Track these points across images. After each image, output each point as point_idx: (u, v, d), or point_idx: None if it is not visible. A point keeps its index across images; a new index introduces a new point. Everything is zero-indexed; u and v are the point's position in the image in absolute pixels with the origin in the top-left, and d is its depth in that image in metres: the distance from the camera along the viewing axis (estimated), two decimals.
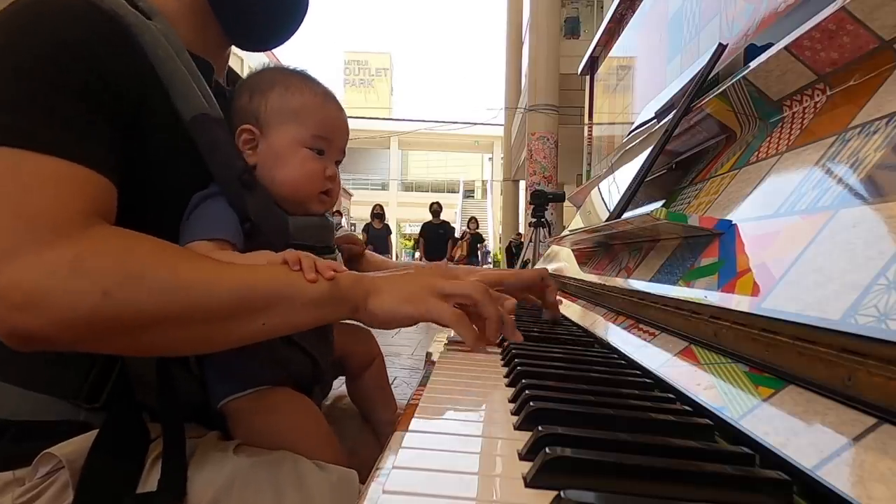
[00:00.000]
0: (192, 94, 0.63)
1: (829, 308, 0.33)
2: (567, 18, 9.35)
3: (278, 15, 0.74)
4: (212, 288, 0.53)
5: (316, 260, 0.60)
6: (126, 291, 0.49)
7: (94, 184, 0.53)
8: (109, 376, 0.58)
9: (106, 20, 0.57)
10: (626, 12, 1.65)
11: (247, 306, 0.55)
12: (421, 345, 4.55)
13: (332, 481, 0.59)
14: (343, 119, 0.74)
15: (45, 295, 0.47)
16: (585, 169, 2.32)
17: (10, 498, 0.54)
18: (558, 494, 0.28)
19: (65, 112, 0.53)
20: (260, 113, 0.69)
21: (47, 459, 0.54)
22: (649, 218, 0.59)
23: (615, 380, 0.52)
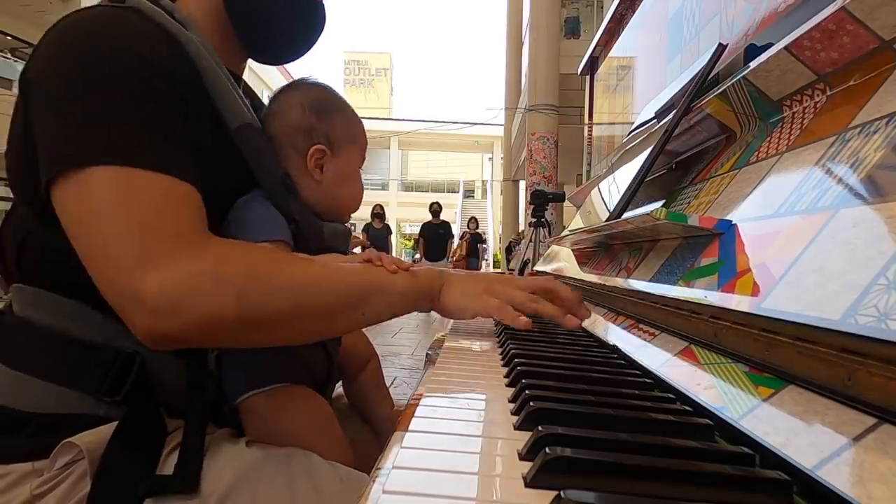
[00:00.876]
0: (237, 104, 0.67)
1: (829, 308, 0.33)
2: (567, 18, 9.35)
3: (296, 33, 0.76)
4: (324, 286, 0.60)
5: (391, 257, 0.67)
6: (256, 294, 0.55)
7: (196, 197, 0.58)
8: (130, 371, 0.60)
9: (164, 34, 0.61)
10: (626, 12, 1.65)
11: (352, 300, 0.61)
12: (421, 345, 4.55)
13: (342, 477, 0.60)
14: None
15: (188, 300, 0.52)
16: (585, 169, 2.31)
17: (29, 489, 0.56)
18: (558, 494, 0.28)
19: (160, 127, 0.56)
20: (330, 133, 0.75)
21: (67, 449, 0.56)
22: (649, 218, 0.59)
23: (615, 380, 0.52)
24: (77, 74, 0.55)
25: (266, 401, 0.66)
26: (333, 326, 0.63)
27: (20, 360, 0.59)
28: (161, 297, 0.51)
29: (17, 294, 0.61)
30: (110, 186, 0.53)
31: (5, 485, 0.56)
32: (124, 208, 0.52)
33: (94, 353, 0.59)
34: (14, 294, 0.62)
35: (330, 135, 0.75)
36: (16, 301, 0.61)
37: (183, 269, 0.52)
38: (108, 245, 0.52)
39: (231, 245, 0.58)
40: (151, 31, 0.60)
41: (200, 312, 0.52)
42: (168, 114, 0.58)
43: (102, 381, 0.59)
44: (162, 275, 0.51)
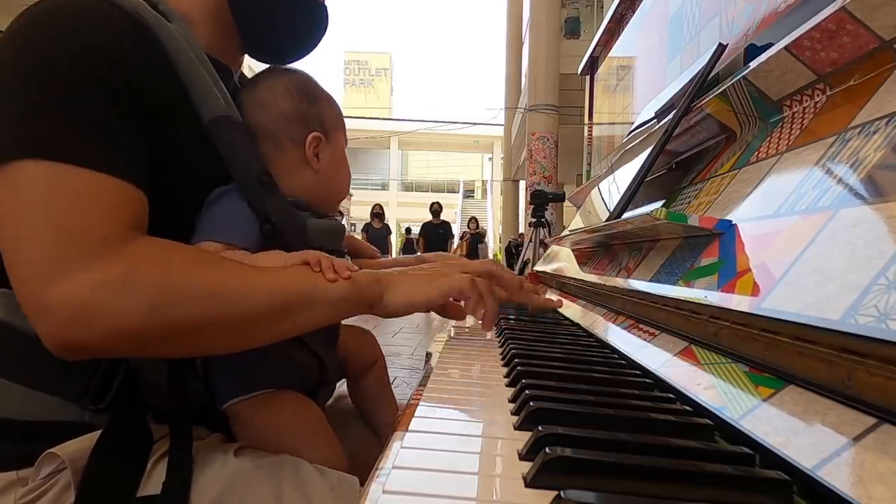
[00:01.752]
0: (212, 97, 0.64)
1: (829, 308, 0.33)
2: (567, 18, 9.35)
3: (300, 33, 0.75)
4: (248, 294, 0.56)
5: (333, 260, 0.61)
6: (171, 304, 0.51)
7: (132, 196, 0.54)
8: (115, 377, 0.59)
9: (130, 23, 0.58)
10: (626, 12, 1.65)
11: (279, 309, 0.57)
12: (421, 345, 4.55)
13: (333, 485, 0.59)
14: None
15: (95, 311, 0.49)
16: (585, 169, 2.32)
17: (13, 498, 0.55)
18: (558, 494, 0.28)
19: (101, 122, 0.53)
20: (324, 119, 0.72)
21: (50, 459, 0.54)
22: (649, 218, 0.59)
23: (615, 380, 0.52)
24: (15, 62, 0.53)
25: (252, 407, 0.64)
26: (259, 336, 0.59)
27: (4, 366, 0.58)
28: (68, 308, 0.48)
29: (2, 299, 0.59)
30: (32, 183, 0.50)
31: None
32: (42, 208, 0.50)
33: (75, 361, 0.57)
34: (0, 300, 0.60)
35: (323, 120, 0.72)
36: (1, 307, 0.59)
37: (92, 277, 0.49)
38: (19, 247, 0.50)
39: (150, 248, 0.54)
40: (113, 20, 0.57)
41: (108, 324, 0.49)
42: (111, 107, 0.54)
43: (87, 389, 0.58)
44: (69, 284, 0.48)
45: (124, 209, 0.53)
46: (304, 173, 0.71)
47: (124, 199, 0.54)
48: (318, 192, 0.72)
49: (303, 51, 0.78)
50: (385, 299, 0.64)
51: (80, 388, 0.58)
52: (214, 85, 0.64)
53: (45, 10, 0.55)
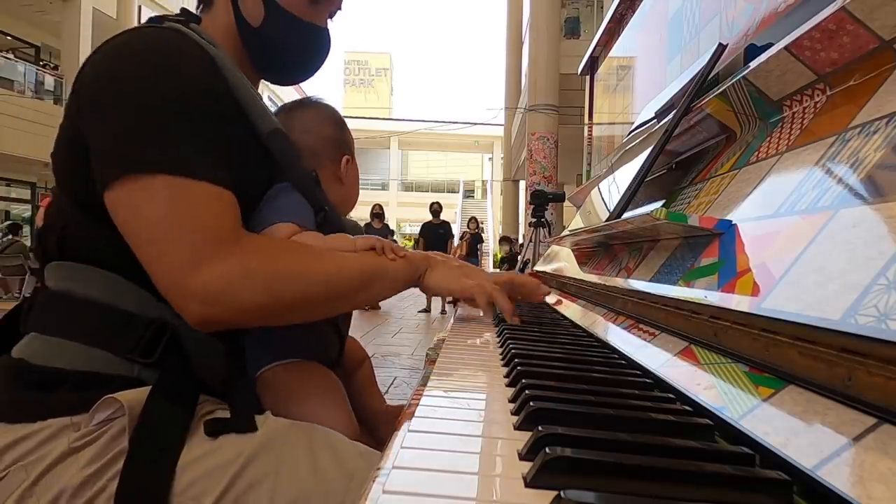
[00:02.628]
0: (265, 112, 0.76)
1: (829, 308, 0.33)
2: (567, 18, 9.34)
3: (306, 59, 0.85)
4: (340, 274, 0.71)
5: (389, 243, 0.78)
6: (283, 286, 0.65)
7: (234, 201, 0.66)
8: (162, 336, 0.66)
9: (202, 52, 0.69)
10: (626, 12, 1.65)
11: (361, 284, 0.73)
12: (421, 345, 4.55)
13: (361, 450, 0.66)
14: None
15: (226, 294, 0.62)
16: (585, 169, 2.32)
17: (66, 441, 0.60)
18: (558, 494, 0.28)
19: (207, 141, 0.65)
20: (351, 145, 0.93)
21: (107, 404, 0.60)
22: (649, 218, 0.59)
23: (615, 380, 0.52)
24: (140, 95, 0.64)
25: (286, 372, 0.76)
26: (345, 306, 0.77)
27: (57, 327, 0.66)
28: (205, 292, 0.61)
29: (55, 270, 0.69)
30: (165, 194, 0.61)
31: (44, 437, 0.60)
32: (177, 215, 0.62)
33: (129, 320, 0.66)
34: (50, 272, 0.69)
35: (350, 144, 0.93)
36: (52, 277, 0.69)
37: (220, 268, 0.62)
38: (161, 246, 0.61)
39: (257, 242, 0.67)
40: (193, 50, 0.68)
41: (235, 305, 0.62)
42: (211, 128, 0.66)
43: (137, 345, 0.65)
44: (205, 273, 0.61)
45: (231, 213, 0.66)
46: (336, 186, 0.89)
47: (230, 204, 0.66)
48: (343, 201, 0.91)
49: (307, 73, 0.88)
50: (427, 277, 0.82)
51: (131, 344, 0.65)
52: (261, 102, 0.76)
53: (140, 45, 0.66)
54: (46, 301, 0.68)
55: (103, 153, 0.63)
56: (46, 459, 0.59)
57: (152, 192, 0.61)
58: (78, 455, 0.60)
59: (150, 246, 0.62)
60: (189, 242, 0.61)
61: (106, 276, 0.67)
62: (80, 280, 0.67)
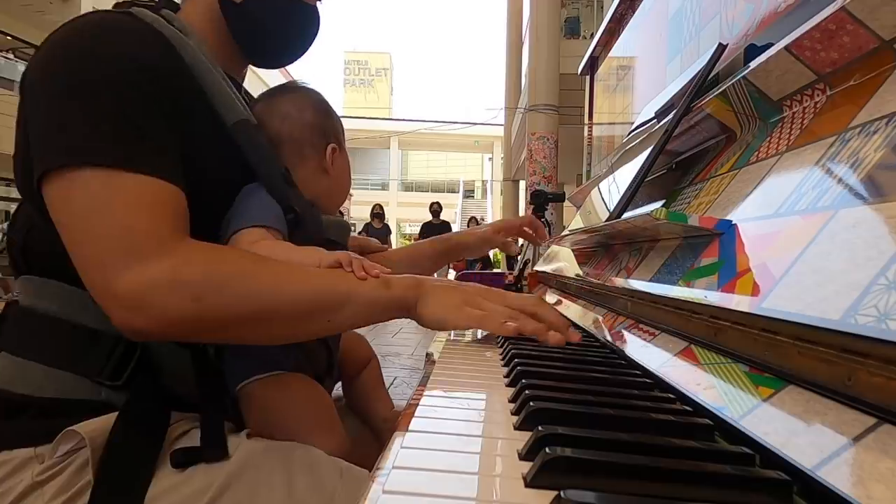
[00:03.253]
0: (233, 102, 0.69)
1: (829, 308, 0.33)
2: (567, 18, 9.33)
3: (293, 38, 0.80)
4: (287, 293, 0.60)
5: (363, 261, 0.65)
6: (213, 298, 0.57)
7: (177, 196, 0.60)
8: (132, 356, 0.62)
9: (162, 40, 0.64)
10: (626, 12, 1.65)
11: (317, 308, 0.62)
12: (421, 345, 4.55)
13: (342, 468, 0.61)
14: None
15: (149, 301, 0.56)
16: (585, 169, 2.31)
17: (31, 475, 0.57)
18: (558, 494, 0.28)
19: (150, 131, 0.59)
20: (337, 132, 0.82)
21: (69, 437, 0.57)
22: (649, 218, 0.59)
23: (615, 380, 0.52)
24: (68, 76, 0.58)
25: (266, 386, 0.69)
26: (299, 331, 0.64)
27: (23, 346, 0.62)
28: (129, 296, 0.55)
29: (23, 285, 0.64)
30: (95, 187, 0.56)
31: (8, 471, 0.57)
32: (107, 210, 0.56)
33: (96, 339, 0.62)
34: (20, 286, 0.65)
35: (336, 133, 0.82)
36: (22, 292, 0.64)
37: (149, 269, 0.56)
38: (88, 244, 0.56)
39: (199, 248, 0.60)
40: (145, 34, 0.63)
41: (161, 313, 0.56)
42: (155, 116, 0.60)
43: (104, 366, 0.61)
44: (132, 275, 0.55)
45: (172, 209, 0.59)
46: (321, 178, 0.80)
47: (171, 200, 0.59)
48: (330, 195, 0.81)
49: (298, 53, 0.82)
50: (420, 309, 0.65)
51: (98, 365, 0.61)
52: (232, 91, 0.70)
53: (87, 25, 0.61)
54: (14, 318, 0.64)
55: (35, 145, 0.58)
56: (10, 495, 0.56)
57: (78, 185, 0.56)
58: (43, 489, 0.56)
59: (76, 246, 0.57)
60: (116, 241, 0.56)
61: (68, 290, 0.62)
62: (43, 296, 0.63)
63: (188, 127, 0.64)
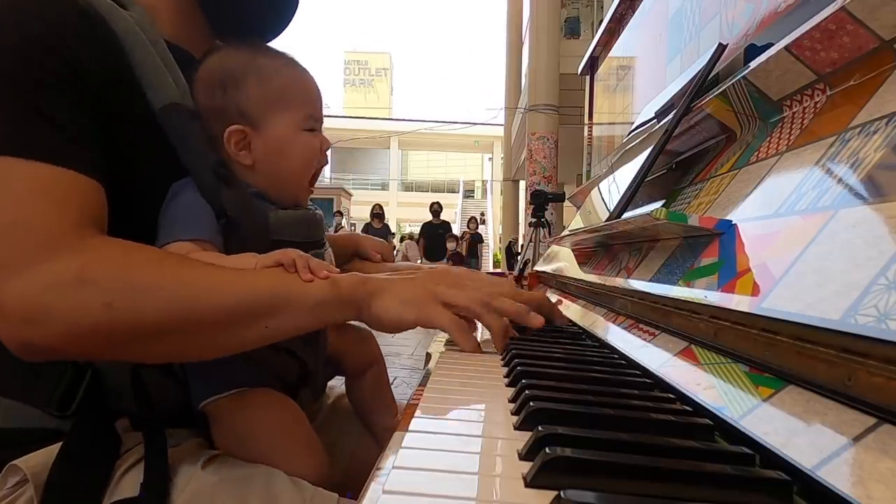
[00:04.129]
0: (164, 84, 0.60)
1: (829, 308, 0.33)
2: (567, 18, 9.34)
3: (267, 10, 0.72)
4: (214, 295, 0.53)
5: (309, 259, 0.58)
6: (129, 303, 0.49)
7: (86, 189, 0.52)
8: (80, 384, 0.57)
9: (75, 9, 0.56)
10: (626, 12, 1.65)
11: (250, 312, 0.54)
12: (421, 345, 4.55)
13: (307, 497, 0.56)
14: (316, 83, 0.71)
15: (48, 309, 0.47)
16: (585, 169, 2.31)
17: None
18: (558, 494, 0.28)
19: (47, 110, 0.51)
20: (244, 108, 0.64)
21: (14, 471, 0.53)
22: (649, 218, 0.59)
23: (615, 380, 0.52)
24: None
25: (227, 405, 0.62)
26: (232, 341, 0.56)
27: None
28: (23, 305, 0.47)
29: None
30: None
31: None
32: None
33: (39, 367, 0.55)
34: None
35: (244, 108, 0.64)
36: None
37: (46, 273, 0.47)
38: None
39: (110, 245, 0.52)
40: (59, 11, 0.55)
41: (64, 321, 0.48)
42: (56, 95, 0.52)
43: (52, 395, 0.56)
44: (22, 281, 0.47)
45: (77, 204, 0.51)
46: (239, 170, 0.65)
47: (77, 191, 0.51)
48: (267, 184, 0.66)
49: (273, 32, 0.74)
50: (373, 308, 0.59)
51: (46, 394, 0.56)
52: (171, 73, 0.61)
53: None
54: None
55: None
56: None
57: None
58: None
59: None
60: (3, 241, 0.48)
61: None
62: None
63: (112, 113, 0.56)
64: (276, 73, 0.67)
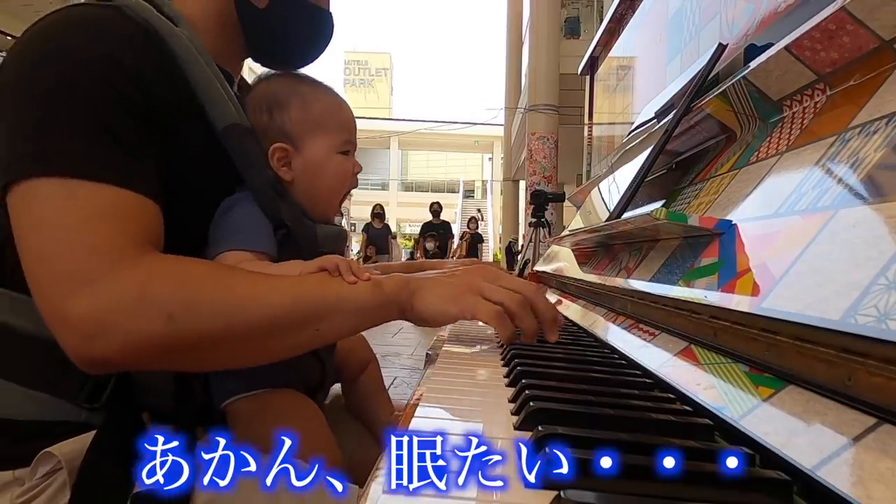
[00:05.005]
0: (224, 104, 0.64)
1: (829, 308, 0.33)
2: (567, 18, 9.34)
3: (309, 44, 0.77)
4: (267, 304, 0.55)
5: (351, 263, 0.61)
6: (188, 315, 0.52)
7: (146, 209, 0.55)
8: (110, 377, 0.58)
9: (137, 29, 0.58)
10: (626, 12, 1.65)
11: (301, 318, 0.56)
12: (421, 345, 4.55)
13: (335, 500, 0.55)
14: (351, 112, 0.77)
15: (112, 324, 0.49)
16: (585, 169, 2.31)
17: (9, 498, 0.55)
18: (558, 494, 0.28)
19: (113, 131, 0.54)
20: (287, 129, 0.70)
21: (46, 459, 0.54)
22: (649, 218, 0.59)
23: (615, 380, 0.52)
24: (27, 76, 0.54)
25: (251, 405, 0.64)
26: (284, 347, 0.58)
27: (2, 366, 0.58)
28: (87, 321, 0.49)
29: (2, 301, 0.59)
30: (49, 199, 0.51)
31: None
32: (60, 224, 0.51)
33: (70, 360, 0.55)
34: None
35: (287, 129, 0.70)
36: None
37: (110, 289, 0.50)
38: (40, 263, 0.51)
39: (167, 261, 0.55)
40: (122, 28, 0.57)
41: (127, 336, 0.50)
42: (124, 117, 0.55)
43: (82, 388, 0.57)
44: (89, 296, 0.49)
45: (138, 222, 0.54)
46: (287, 186, 0.70)
47: (138, 212, 0.54)
48: (303, 201, 0.71)
49: (309, 58, 0.78)
50: (415, 306, 0.61)
51: (76, 387, 0.57)
52: (224, 91, 0.65)
53: (54, 21, 0.56)
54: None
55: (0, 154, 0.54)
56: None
57: (33, 197, 0.51)
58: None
59: (27, 264, 0.52)
60: (69, 256, 0.50)
61: None
62: (19, 312, 0.57)
63: (170, 130, 0.59)
64: (316, 99, 0.73)
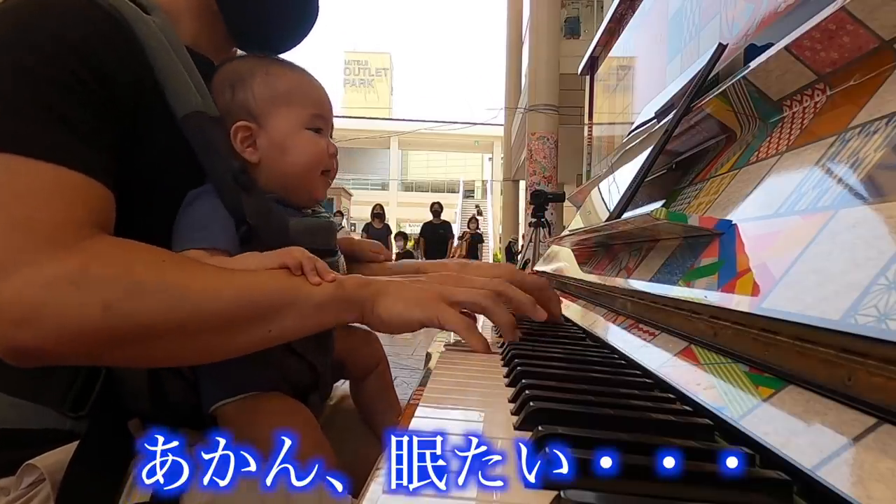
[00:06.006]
0: (187, 91, 0.61)
1: (829, 308, 0.33)
2: (567, 18, 9.34)
3: (289, 23, 0.74)
4: (216, 297, 0.52)
5: (316, 261, 0.59)
6: (128, 304, 0.49)
7: (93, 192, 0.52)
8: (94, 384, 0.57)
9: (104, 16, 0.56)
10: (626, 12, 1.65)
11: (252, 314, 0.54)
12: (421, 345, 4.55)
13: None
14: (324, 90, 0.73)
15: (43, 310, 0.46)
16: (585, 169, 2.31)
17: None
18: (558, 494, 0.28)
19: (63, 114, 0.51)
20: (250, 105, 0.66)
21: (30, 470, 0.53)
22: (649, 218, 0.59)
23: (615, 380, 0.52)
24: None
25: (237, 409, 0.62)
26: (233, 344, 0.55)
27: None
28: (15, 304, 0.46)
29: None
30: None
31: None
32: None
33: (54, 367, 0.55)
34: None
35: (250, 105, 0.66)
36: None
37: (43, 272, 0.46)
38: None
39: (112, 244, 0.52)
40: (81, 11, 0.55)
41: (58, 324, 0.47)
42: (75, 99, 0.52)
43: (66, 396, 0.56)
44: (19, 280, 0.46)
45: (81, 205, 0.51)
46: (254, 168, 0.66)
47: (84, 194, 0.51)
48: (277, 186, 0.67)
49: (292, 42, 0.75)
50: (377, 309, 0.59)
51: (59, 395, 0.56)
52: (192, 79, 0.62)
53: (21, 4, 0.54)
54: None
55: None
56: None
57: None
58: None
59: None
60: (4, 240, 0.47)
61: None
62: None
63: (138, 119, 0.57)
64: (282, 74, 0.69)
